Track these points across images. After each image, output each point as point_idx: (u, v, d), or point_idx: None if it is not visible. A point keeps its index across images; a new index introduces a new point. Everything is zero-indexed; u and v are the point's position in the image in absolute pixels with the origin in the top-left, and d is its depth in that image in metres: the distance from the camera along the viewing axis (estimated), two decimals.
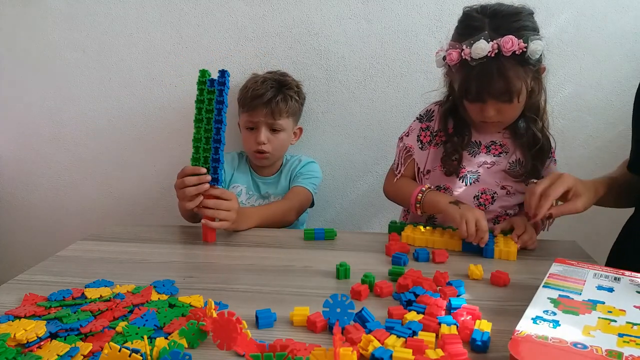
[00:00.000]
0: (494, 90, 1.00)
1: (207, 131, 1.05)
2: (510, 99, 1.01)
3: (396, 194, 1.22)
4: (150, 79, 1.58)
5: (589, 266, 0.80)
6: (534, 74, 1.03)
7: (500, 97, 1.01)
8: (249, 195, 1.44)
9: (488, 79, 0.99)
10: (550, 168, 1.16)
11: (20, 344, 0.64)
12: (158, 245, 1.06)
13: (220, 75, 1.06)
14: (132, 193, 1.67)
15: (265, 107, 1.35)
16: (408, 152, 1.19)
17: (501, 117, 1.06)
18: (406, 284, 0.79)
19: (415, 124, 1.20)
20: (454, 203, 1.02)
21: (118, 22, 1.54)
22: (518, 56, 0.97)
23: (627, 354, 0.54)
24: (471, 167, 1.15)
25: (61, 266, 0.94)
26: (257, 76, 1.43)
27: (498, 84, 0.99)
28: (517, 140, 1.14)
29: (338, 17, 1.47)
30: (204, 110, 1.06)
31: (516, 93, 1.00)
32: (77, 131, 1.64)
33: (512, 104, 1.03)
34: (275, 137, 1.39)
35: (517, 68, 0.98)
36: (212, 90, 1.06)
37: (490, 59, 0.97)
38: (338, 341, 0.56)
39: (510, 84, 0.99)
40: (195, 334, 0.65)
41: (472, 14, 1.03)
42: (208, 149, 1.05)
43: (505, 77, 0.98)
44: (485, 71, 0.98)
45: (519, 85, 1.00)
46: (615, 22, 1.40)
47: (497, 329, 0.67)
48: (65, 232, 1.71)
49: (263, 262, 0.96)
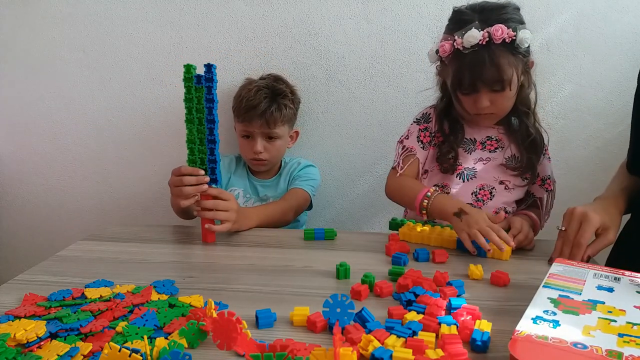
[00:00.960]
0: (486, 78, 1.03)
1: (200, 131, 1.03)
2: (502, 87, 1.04)
3: (398, 193, 1.19)
4: (150, 79, 1.58)
5: (589, 266, 0.80)
6: (523, 66, 1.07)
7: (493, 85, 1.04)
8: (246, 198, 1.44)
9: (480, 67, 1.02)
10: (544, 165, 1.18)
11: (20, 344, 0.64)
12: (158, 245, 1.06)
13: (207, 70, 1.00)
14: (132, 193, 1.67)
15: (260, 118, 1.35)
16: (410, 152, 1.19)
17: (494, 108, 1.08)
18: (406, 284, 0.79)
19: (413, 127, 1.21)
20: (457, 214, 1.00)
21: (118, 22, 1.54)
22: (508, 44, 1.01)
23: (627, 354, 0.54)
24: (467, 163, 1.16)
25: (61, 266, 0.94)
26: (250, 83, 1.41)
27: (490, 72, 1.02)
28: (512, 135, 1.16)
29: (338, 17, 1.47)
30: (194, 110, 1.02)
31: (508, 81, 1.03)
32: (77, 131, 1.64)
33: (505, 94, 1.05)
34: (271, 145, 1.39)
35: (508, 56, 1.02)
36: (200, 87, 1.01)
37: (482, 47, 1.01)
38: (338, 341, 0.56)
39: (501, 71, 1.02)
40: (195, 334, 0.65)
41: (462, 10, 1.08)
42: (203, 150, 1.04)
43: (497, 64, 1.01)
44: (477, 59, 1.02)
45: (510, 73, 1.03)
46: (615, 22, 1.40)
47: (497, 329, 0.67)
48: (65, 232, 1.71)
49: (263, 262, 0.96)
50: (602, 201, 1.00)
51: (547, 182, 1.17)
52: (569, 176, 1.49)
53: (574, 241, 0.92)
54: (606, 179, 1.11)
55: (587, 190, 1.27)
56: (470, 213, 0.99)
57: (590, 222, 0.91)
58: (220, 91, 1.52)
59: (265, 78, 1.44)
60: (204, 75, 1.01)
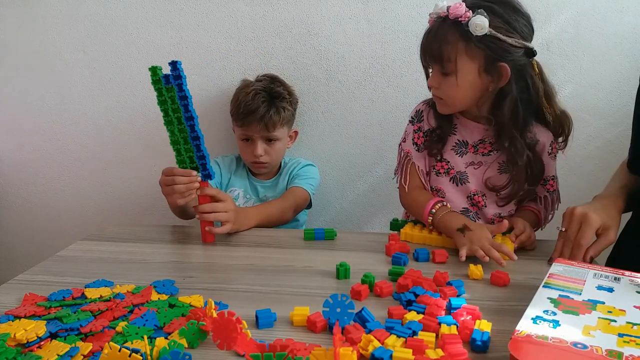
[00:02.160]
0: (429, 51, 1.04)
1: (181, 131, 1.02)
2: (443, 68, 1.02)
3: (410, 208, 1.18)
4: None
5: (589, 266, 0.80)
6: (487, 63, 1.00)
7: (435, 61, 1.04)
8: (246, 198, 1.43)
9: (429, 38, 1.04)
10: (548, 165, 1.12)
11: (20, 344, 0.64)
12: (158, 245, 1.06)
13: (173, 68, 0.97)
14: (132, 193, 1.67)
15: (259, 122, 1.34)
16: (407, 157, 1.18)
17: (441, 92, 1.06)
18: (406, 284, 0.79)
19: (409, 128, 1.19)
20: (460, 230, 0.98)
21: (118, 22, 1.54)
22: (460, 24, 0.98)
23: (627, 354, 0.54)
24: (459, 167, 1.14)
25: (61, 266, 0.94)
26: (247, 86, 1.40)
27: (433, 45, 1.02)
28: (500, 147, 1.09)
29: (338, 17, 1.47)
30: (170, 111, 1.01)
31: (448, 62, 1.01)
32: (77, 131, 1.64)
33: (449, 80, 1.03)
34: (271, 148, 1.39)
35: (457, 38, 0.99)
36: (170, 87, 0.99)
37: (441, 21, 1.01)
38: (338, 341, 0.56)
39: (442, 49, 1.01)
40: (195, 334, 0.65)
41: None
42: (189, 148, 1.03)
43: (440, 39, 1.01)
44: (431, 30, 1.03)
45: (451, 55, 1.00)
46: (615, 22, 1.40)
47: (497, 329, 0.67)
48: (65, 232, 1.71)
49: (263, 262, 0.96)
50: (602, 200, 1.00)
51: (549, 183, 1.13)
52: (569, 176, 1.49)
53: (574, 242, 0.91)
54: (606, 179, 1.11)
55: (587, 190, 1.26)
56: (473, 230, 0.97)
57: (591, 223, 0.91)
58: (220, 91, 1.54)
59: (262, 79, 1.43)
60: (171, 74, 0.99)
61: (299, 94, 1.49)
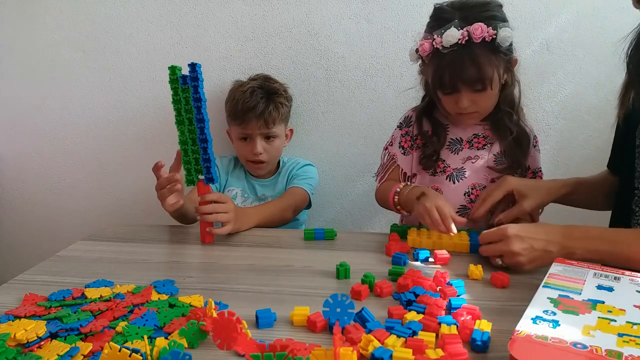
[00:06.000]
0: (466, 77, 1.01)
1: (191, 132, 1.02)
2: (483, 87, 1.02)
3: (381, 200, 1.22)
4: (150, 79, 1.58)
5: (588, 266, 0.80)
6: (505, 65, 1.05)
7: (473, 84, 1.02)
8: (244, 197, 1.44)
9: (460, 66, 1.01)
10: (534, 157, 1.18)
11: (20, 344, 0.64)
12: (158, 245, 1.06)
13: (192, 69, 0.99)
14: (132, 193, 1.67)
15: (258, 119, 1.35)
16: (392, 160, 1.20)
17: (476, 107, 1.07)
18: (406, 284, 0.79)
19: (396, 132, 1.22)
20: (418, 198, 1.01)
21: (118, 22, 1.54)
22: (488, 43, 0.99)
23: (627, 353, 0.54)
24: (456, 164, 1.15)
25: (61, 266, 0.94)
26: (243, 85, 1.40)
27: (470, 71, 1.01)
28: (496, 133, 1.15)
29: (338, 17, 1.47)
30: (183, 111, 1.02)
31: (488, 80, 1.01)
32: (77, 131, 1.64)
33: (486, 93, 1.04)
34: (270, 145, 1.40)
35: (488, 55, 1.00)
36: (186, 87, 1.00)
37: (462, 47, 0.99)
38: (338, 341, 0.56)
39: (482, 70, 1.00)
40: (195, 334, 0.65)
41: (442, 7, 1.06)
42: (196, 150, 1.03)
43: (477, 63, 1.00)
44: (457, 59, 1.00)
45: (490, 73, 1.01)
46: (615, 22, 1.40)
47: (497, 329, 0.67)
48: (65, 232, 1.71)
49: (263, 262, 0.96)
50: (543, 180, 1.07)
51: (538, 175, 1.18)
52: (568, 176, 1.48)
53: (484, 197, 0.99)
54: None
55: None
56: (428, 194, 1.00)
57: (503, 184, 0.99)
58: (220, 91, 1.53)
59: (256, 79, 1.44)
60: (189, 75, 1.00)
61: (299, 94, 1.50)
